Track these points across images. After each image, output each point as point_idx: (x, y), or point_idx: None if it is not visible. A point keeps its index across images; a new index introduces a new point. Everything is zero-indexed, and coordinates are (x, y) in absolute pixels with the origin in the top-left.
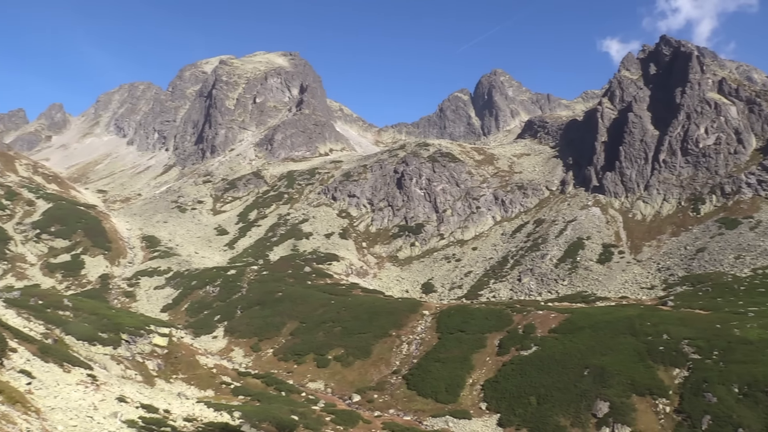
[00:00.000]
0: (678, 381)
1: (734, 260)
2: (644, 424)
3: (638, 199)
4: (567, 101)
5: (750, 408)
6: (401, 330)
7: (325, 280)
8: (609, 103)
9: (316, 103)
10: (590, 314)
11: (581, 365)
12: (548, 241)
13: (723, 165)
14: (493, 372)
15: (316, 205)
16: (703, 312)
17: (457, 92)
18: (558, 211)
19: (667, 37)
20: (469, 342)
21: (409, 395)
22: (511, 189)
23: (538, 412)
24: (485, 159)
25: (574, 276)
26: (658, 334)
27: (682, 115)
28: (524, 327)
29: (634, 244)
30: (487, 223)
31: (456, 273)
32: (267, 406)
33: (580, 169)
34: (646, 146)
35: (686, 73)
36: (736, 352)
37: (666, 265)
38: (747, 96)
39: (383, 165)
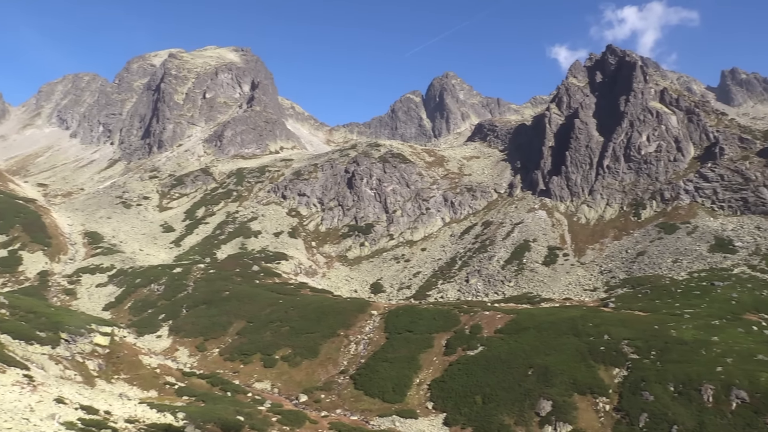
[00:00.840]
0: (618, 380)
1: (672, 264)
2: (585, 422)
3: (583, 203)
4: (516, 106)
5: (684, 406)
6: (349, 330)
7: (274, 279)
8: (557, 109)
9: (268, 100)
10: (535, 315)
11: (526, 365)
12: (496, 243)
13: (663, 172)
14: (440, 372)
15: (265, 203)
16: (642, 313)
17: (409, 94)
18: (506, 214)
19: (613, 46)
20: (416, 342)
21: (356, 395)
22: (460, 191)
23: (483, 411)
24: (436, 161)
25: (520, 277)
26: (600, 334)
27: (626, 123)
28: (471, 327)
29: (578, 247)
30: (437, 225)
31: (405, 273)
32: (212, 407)
33: (527, 173)
34: (591, 152)
35: (630, 82)
36: (672, 352)
37: (608, 267)
38: (687, 106)
39: (334, 164)
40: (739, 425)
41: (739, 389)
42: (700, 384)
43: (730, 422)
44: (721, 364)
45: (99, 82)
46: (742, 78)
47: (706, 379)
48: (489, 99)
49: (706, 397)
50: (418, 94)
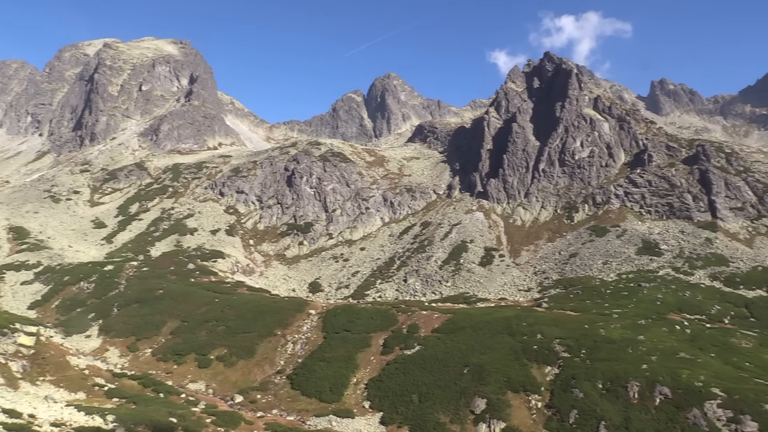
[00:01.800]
0: (549, 378)
1: (602, 265)
2: (518, 419)
3: (519, 205)
4: (456, 108)
5: (612, 402)
6: (287, 329)
7: (210, 277)
8: (495, 112)
9: (207, 94)
10: (471, 315)
11: (461, 364)
12: (434, 243)
13: (595, 177)
14: (377, 371)
15: (202, 200)
16: (574, 313)
17: (351, 93)
18: (444, 215)
19: (551, 54)
20: (354, 341)
21: (293, 395)
22: (400, 191)
23: (419, 409)
24: (376, 161)
25: (457, 278)
26: (533, 333)
27: (561, 128)
28: (408, 327)
29: (513, 248)
30: (376, 224)
31: (343, 273)
32: (143, 409)
33: (466, 175)
34: (528, 156)
35: (566, 89)
36: (601, 351)
37: (542, 268)
38: (618, 114)
39: (274, 162)
40: (662, 420)
41: (662, 386)
42: (626, 381)
43: (653, 417)
44: (646, 362)
45: (28, 70)
46: (670, 89)
47: (632, 376)
48: (430, 101)
49: (632, 393)
50: (360, 94)
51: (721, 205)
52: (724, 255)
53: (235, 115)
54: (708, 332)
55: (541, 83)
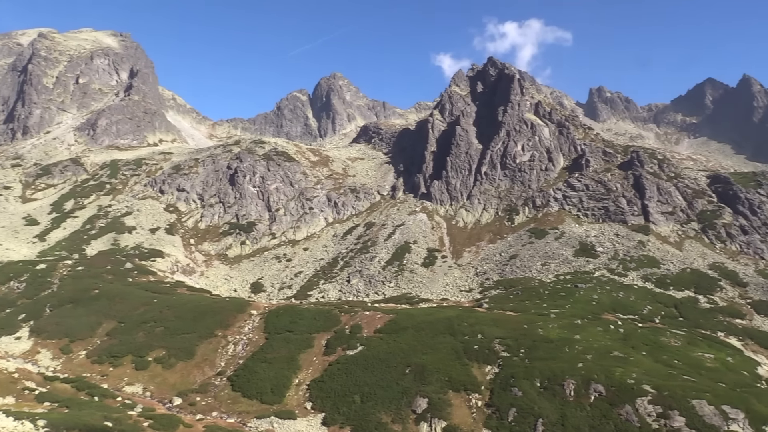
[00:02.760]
0: (489, 377)
1: (541, 267)
2: (459, 418)
3: (461, 207)
4: (401, 110)
5: (549, 400)
6: (228, 330)
7: (148, 277)
8: (439, 115)
9: (147, 89)
10: (413, 315)
11: (404, 364)
12: (377, 244)
13: (535, 180)
14: (319, 372)
15: (141, 197)
16: (513, 313)
17: (296, 92)
18: (388, 216)
19: (494, 59)
20: (296, 342)
21: (233, 397)
22: (344, 192)
23: (361, 410)
24: (320, 161)
25: (400, 278)
26: (474, 333)
27: (503, 132)
28: (351, 327)
29: (455, 249)
30: (320, 224)
31: (286, 273)
32: (77, 413)
33: (410, 176)
34: (471, 158)
35: (508, 94)
36: (539, 350)
37: (483, 269)
38: (558, 119)
39: (216, 160)
40: (596, 417)
41: (597, 383)
42: (563, 379)
43: (588, 414)
44: (582, 361)
45: None
46: (607, 96)
47: (569, 374)
48: (375, 102)
49: (568, 391)
50: (305, 93)
51: (653, 210)
52: (655, 257)
53: (177, 111)
54: (640, 331)
55: (484, 87)
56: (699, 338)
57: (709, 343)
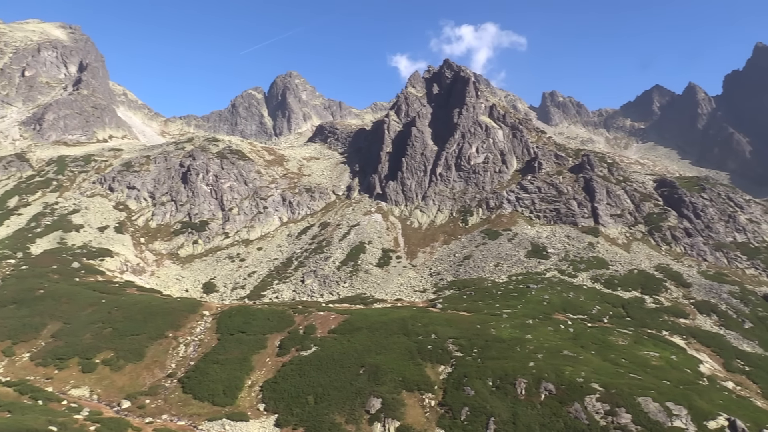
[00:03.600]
0: (443, 377)
1: (494, 267)
2: (412, 417)
3: (416, 208)
4: (357, 110)
5: (500, 399)
6: (179, 331)
7: (96, 277)
8: (395, 116)
9: (97, 84)
10: (368, 315)
11: (358, 364)
12: (332, 244)
13: (489, 182)
14: (272, 373)
15: (89, 195)
16: (467, 314)
17: (251, 90)
18: (343, 216)
19: (450, 61)
20: (249, 343)
21: (184, 399)
22: (299, 191)
23: (315, 411)
24: (275, 159)
25: (354, 278)
26: (428, 334)
27: (458, 134)
28: (305, 328)
29: (410, 249)
30: (274, 224)
31: (240, 273)
32: (19, 418)
33: (365, 177)
34: (426, 160)
35: (464, 97)
36: (492, 350)
37: (437, 270)
38: (512, 122)
39: (168, 157)
40: (546, 414)
41: (547, 382)
42: (515, 378)
43: (539, 412)
44: (533, 360)
45: None
46: (559, 100)
47: (520, 373)
48: (331, 101)
49: (520, 390)
50: (261, 91)
51: (602, 212)
52: (604, 258)
53: (128, 107)
54: (589, 331)
55: (440, 89)
56: (645, 337)
57: (655, 342)
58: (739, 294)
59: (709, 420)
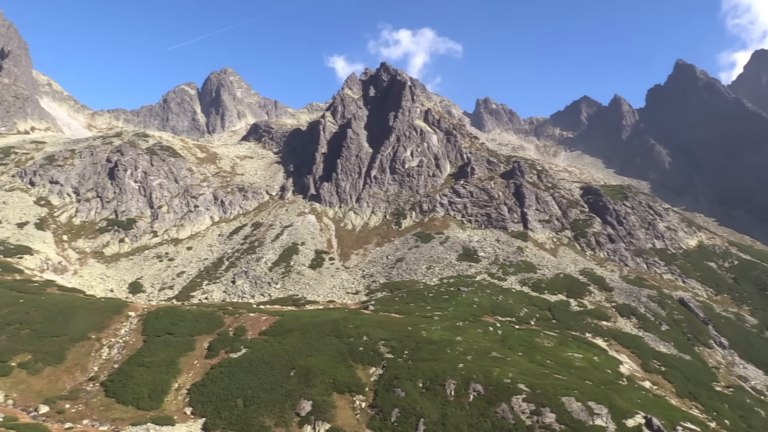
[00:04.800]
0: (374, 378)
1: (426, 270)
2: (342, 419)
3: (350, 210)
4: (293, 110)
5: (430, 400)
6: (102, 333)
7: (14, 275)
8: (331, 117)
9: (20, 72)
10: (300, 317)
11: (288, 366)
12: (265, 244)
13: (423, 185)
14: (200, 375)
15: (8, 189)
16: (398, 316)
17: (184, 85)
18: (276, 216)
19: (387, 64)
20: (177, 345)
21: (107, 403)
22: (231, 190)
23: (244, 414)
24: (208, 157)
25: (287, 280)
26: (360, 335)
27: (393, 137)
28: (235, 329)
29: (343, 251)
30: (205, 223)
31: (168, 273)
32: None
33: (300, 177)
34: (361, 162)
35: (400, 100)
36: (423, 351)
37: (370, 272)
38: (446, 127)
39: (95, 152)
40: (474, 415)
41: (476, 383)
42: (444, 380)
43: (467, 413)
44: (462, 361)
45: None
46: (492, 107)
47: (450, 375)
48: (267, 100)
49: (449, 391)
50: (194, 87)
51: (531, 218)
52: (532, 263)
53: (53, 98)
54: (517, 333)
55: (376, 92)
56: (569, 339)
57: (578, 344)
58: (657, 298)
59: (627, 418)
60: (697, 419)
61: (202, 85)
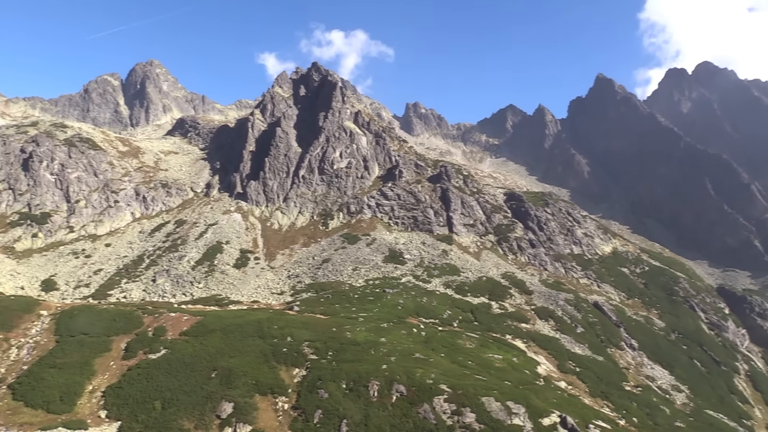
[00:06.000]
0: (297, 380)
1: (352, 271)
2: (264, 421)
3: (277, 209)
4: (221, 106)
5: (354, 401)
6: (11, 333)
7: None
8: (261, 115)
9: None
10: (223, 317)
11: (210, 367)
12: (188, 242)
13: (351, 187)
14: (117, 377)
15: None
16: (323, 317)
17: (107, 75)
18: (201, 214)
19: (318, 64)
20: (92, 345)
21: (14, 407)
22: (155, 186)
23: (162, 417)
24: (130, 151)
25: (210, 279)
26: (284, 336)
27: (323, 138)
28: (155, 329)
29: (269, 251)
30: (125, 219)
31: (84, 270)
32: None
33: (226, 175)
34: (289, 161)
35: (330, 101)
36: (347, 353)
37: (296, 272)
38: (376, 130)
39: (7, 141)
40: (397, 416)
41: (399, 384)
42: (368, 381)
43: (390, 413)
44: (386, 363)
45: None
46: (422, 112)
47: (374, 376)
48: (194, 95)
49: (373, 392)
50: (118, 78)
51: (457, 221)
52: (456, 266)
53: None
54: (440, 334)
55: (307, 92)
56: (490, 341)
57: (499, 345)
58: (574, 301)
59: (543, 417)
60: (608, 417)
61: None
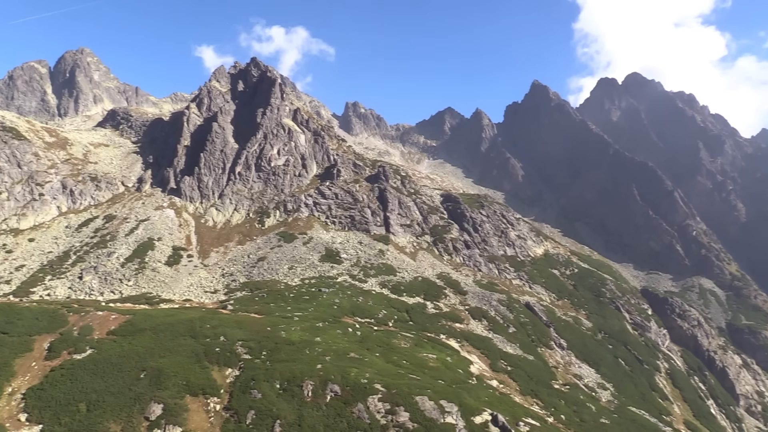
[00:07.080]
0: (230, 380)
1: (288, 270)
2: (195, 423)
3: (212, 206)
4: (156, 99)
5: (287, 401)
6: None
7: None
8: (197, 109)
9: None
10: (153, 316)
11: (139, 368)
12: (117, 239)
13: (288, 185)
14: (38, 379)
15: None
16: (258, 316)
17: (34, 62)
18: (132, 209)
19: (257, 60)
20: (12, 345)
21: None
22: (83, 179)
23: (87, 419)
24: (57, 142)
25: (140, 277)
26: (216, 336)
27: (261, 134)
28: (80, 329)
29: (203, 249)
30: (51, 213)
31: (5, 266)
32: None
33: (159, 169)
34: (226, 157)
35: (269, 97)
36: (281, 352)
37: (230, 271)
38: (315, 128)
39: None
40: (331, 416)
41: (333, 384)
42: (302, 381)
43: (324, 413)
44: (321, 362)
45: None
46: (361, 112)
47: (308, 376)
48: (127, 86)
49: (307, 392)
50: (45, 65)
51: (394, 222)
52: (393, 266)
53: None
54: (375, 334)
55: (245, 87)
56: (425, 340)
57: (433, 345)
58: (506, 302)
59: (476, 415)
60: (537, 415)
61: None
